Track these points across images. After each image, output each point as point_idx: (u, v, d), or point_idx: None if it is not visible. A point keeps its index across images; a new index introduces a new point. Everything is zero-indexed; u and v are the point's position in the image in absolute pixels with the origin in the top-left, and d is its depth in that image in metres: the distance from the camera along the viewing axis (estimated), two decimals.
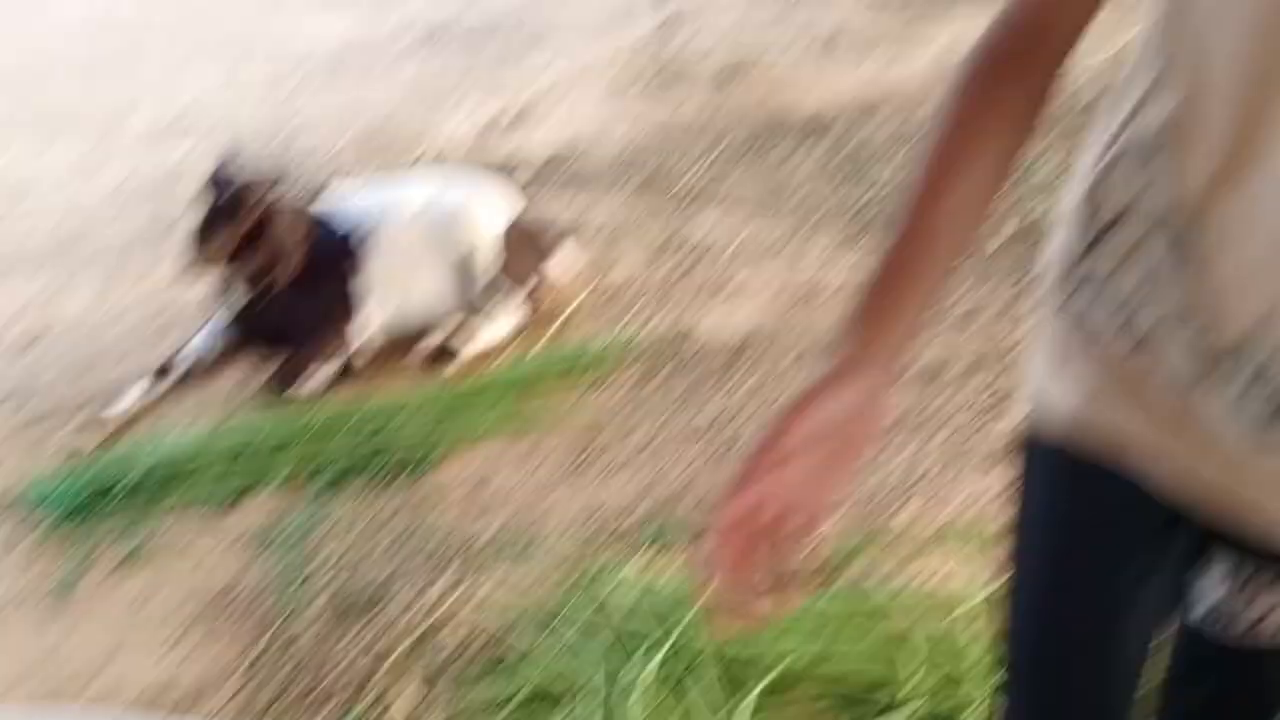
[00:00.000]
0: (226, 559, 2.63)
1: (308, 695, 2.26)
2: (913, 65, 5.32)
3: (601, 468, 2.82)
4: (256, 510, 2.77)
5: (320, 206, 3.38)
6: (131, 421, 3.11)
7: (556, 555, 2.54)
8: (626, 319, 3.43)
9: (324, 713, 2.23)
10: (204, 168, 4.61)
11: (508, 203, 3.51)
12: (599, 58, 5.63)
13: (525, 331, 3.39)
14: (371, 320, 3.26)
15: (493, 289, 3.35)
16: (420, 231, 3.33)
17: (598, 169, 4.48)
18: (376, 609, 2.45)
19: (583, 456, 2.85)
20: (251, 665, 2.34)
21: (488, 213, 3.42)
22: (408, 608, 2.45)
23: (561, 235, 3.66)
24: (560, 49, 5.92)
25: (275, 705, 2.25)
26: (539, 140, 4.78)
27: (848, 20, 5.96)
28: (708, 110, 4.98)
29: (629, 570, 2.44)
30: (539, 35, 6.19)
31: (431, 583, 2.52)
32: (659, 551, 2.53)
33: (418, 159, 4.66)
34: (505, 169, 4.47)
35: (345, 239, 3.25)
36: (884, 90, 5.10)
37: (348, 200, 3.45)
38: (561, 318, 3.46)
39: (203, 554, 2.66)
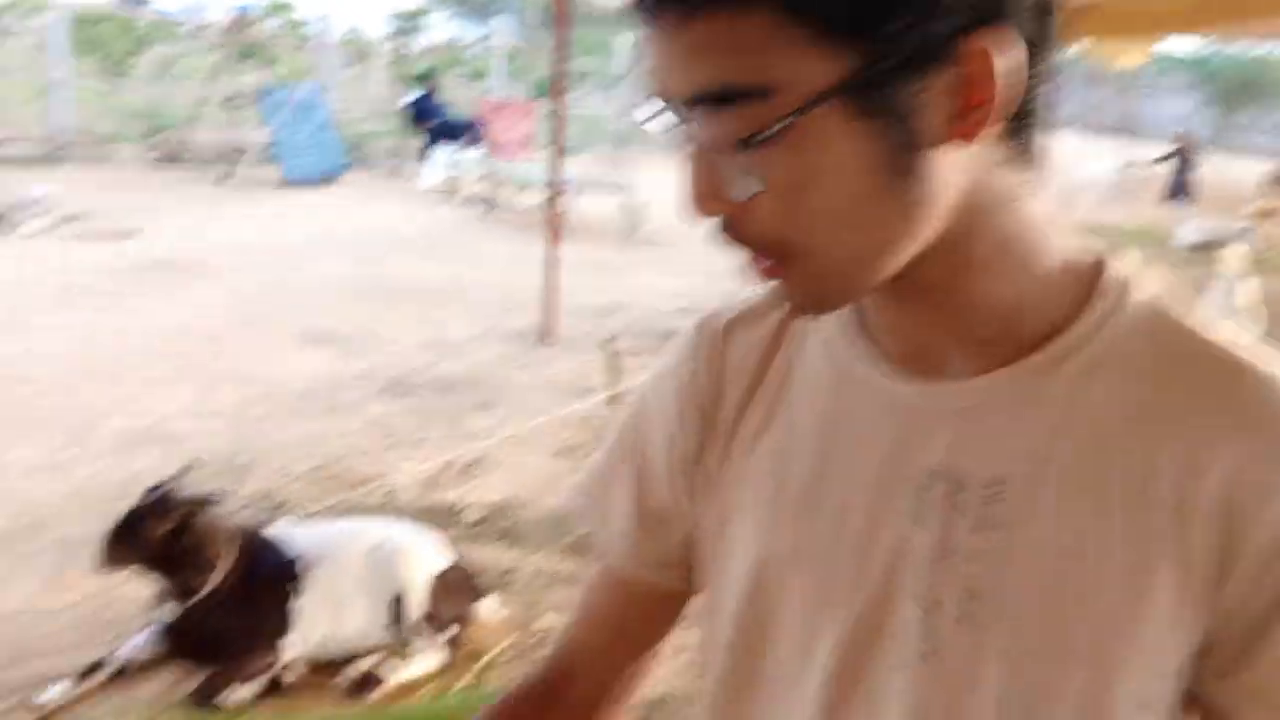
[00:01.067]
0: None
1: None
2: None
3: None
4: None
5: (270, 530, 3.58)
6: (56, 713, 3.09)
7: None
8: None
9: None
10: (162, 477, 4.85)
11: (441, 552, 3.72)
12: (549, 421, 6.03)
13: (448, 670, 3.48)
14: (305, 640, 3.35)
15: (420, 628, 3.49)
16: (360, 567, 3.50)
17: (534, 524, 4.71)
18: None
19: None
20: None
21: (423, 558, 3.63)
22: None
23: (488, 585, 3.84)
24: (514, 409, 6.34)
25: None
26: (482, 492, 5.04)
27: None
28: None
29: None
30: (495, 394, 6.64)
31: None
32: None
33: (368, 496, 4.87)
34: (449, 514, 4.70)
35: (291, 562, 3.40)
36: None
37: (297, 529, 3.65)
38: (484, 660, 3.56)
39: None
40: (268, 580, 3.38)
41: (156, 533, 3.21)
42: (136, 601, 3.76)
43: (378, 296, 9.08)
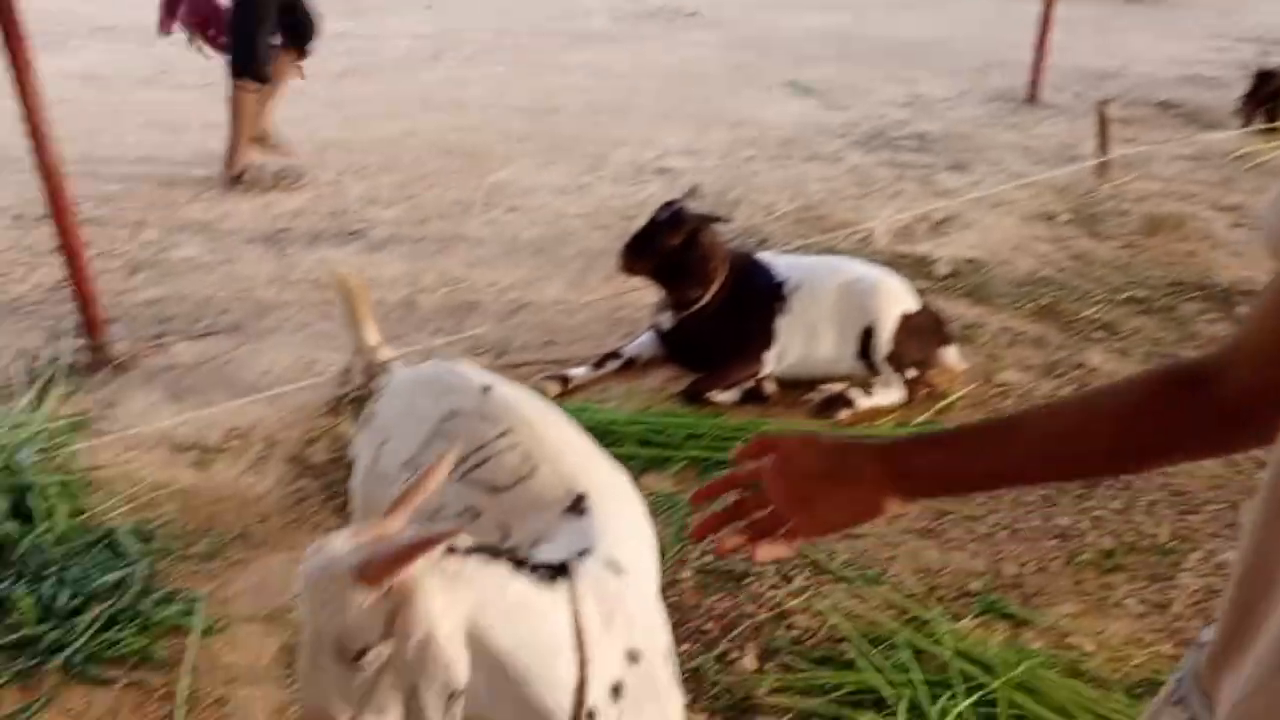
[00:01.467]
0: None
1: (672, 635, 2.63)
2: None
3: (953, 536, 3.00)
4: (656, 483, 3.20)
5: (759, 254, 3.85)
6: (575, 390, 3.67)
7: (899, 591, 2.77)
8: None
9: (677, 653, 2.58)
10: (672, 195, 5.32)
11: (911, 296, 3.79)
12: (1028, 184, 5.78)
13: (909, 406, 3.64)
14: (783, 357, 3.65)
15: (887, 362, 3.65)
16: (837, 297, 3.68)
17: (1002, 285, 4.63)
18: (734, 589, 2.78)
19: (939, 522, 3.05)
20: None
21: (895, 298, 3.72)
22: (759, 596, 2.77)
23: (953, 336, 3.88)
24: (992, 170, 6.13)
25: None
26: (953, 248, 5.01)
27: None
28: (1126, 254, 5.01)
29: (953, 626, 2.62)
30: (974, 154, 6.43)
31: (784, 583, 2.82)
32: (982, 624, 2.69)
33: (844, 240, 5.03)
34: (919, 265, 4.75)
35: (779, 284, 3.66)
36: None
37: (782, 258, 3.89)
38: (943, 403, 3.67)
39: None
40: (756, 298, 3.67)
41: (669, 244, 3.58)
42: (642, 308, 4.27)
43: (861, 50, 8.95)
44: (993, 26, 10.08)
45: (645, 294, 4.35)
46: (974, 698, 2.35)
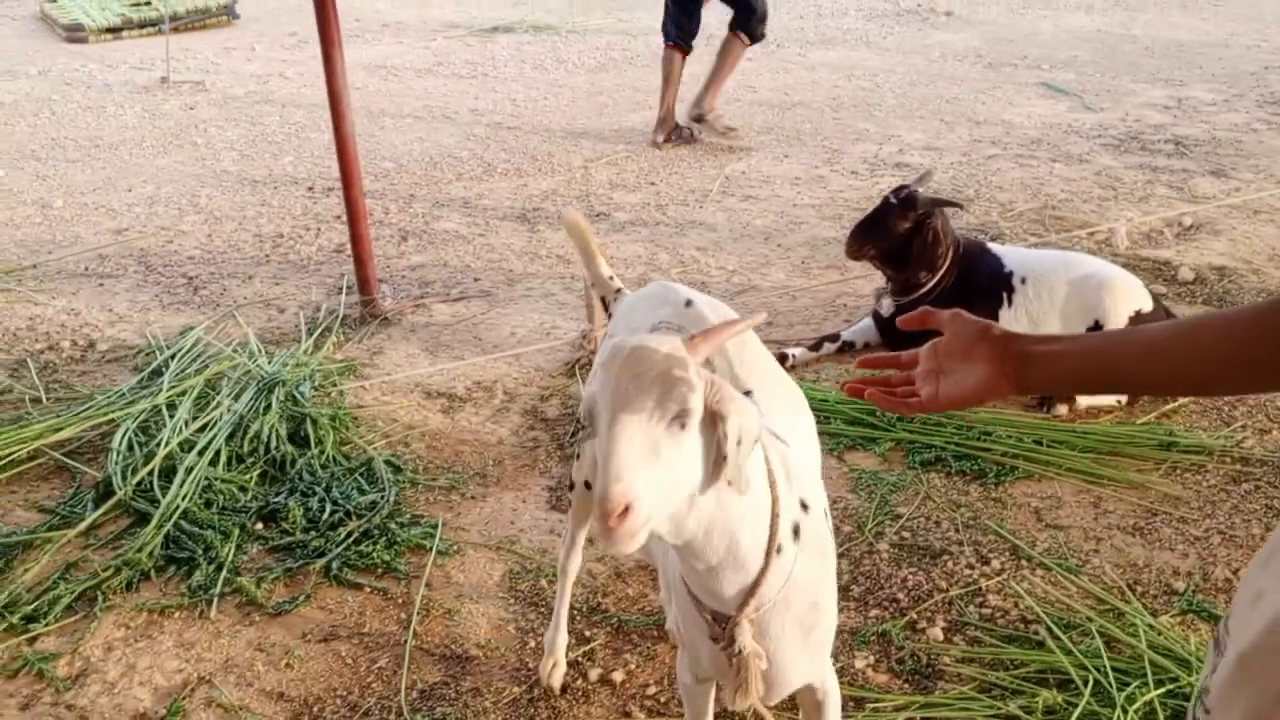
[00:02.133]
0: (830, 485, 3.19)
1: (862, 600, 2.73)
2: None
3: (1165, 535, 2.92)
4: (862, 460, 3.28)
5: (992, 245, 3.84)
6: (792, 369, 3.80)
7: (1098, 583, 2.74)
8: (1240, 424, 3.43)
9: (866, 618, 2.67)
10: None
11: (1145, 295, 3.67)
12: None
13: (1131, 407, 3.54)
14: None
15: None
16: (1068, 291, 3.62)
17: (1249, 295, 4.36)
18: (929, 565, 2.84)
19: (1153, 519, 2.98)
20: None
21: (1128, 296, 3.61)
22: (953, 574, 2.81)
23: None
24: (1257, 176, 5.75)
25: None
26: (1200, 254, 4.76)
27: None
28: None
29: (1151, 621, 2.57)
30: (1239, 160, 6.05)
31: (981, 564, 2.85)
32: (1183, 622, 2.61)
33: (1085, 239, 4.88)
34: (1162, 269, 4.56)
35: (1008, 274, 3.65)
36: None
37: (1014, 249, 3.86)
38: (1170, 405, 3.55)
39: None
40: (982, 286, 3.66)
41: (900, 227, 3.63)
42: (861, 296, 4.34)
43: (1128, 51, 8.54)
44: (1276, 27, 9.36)
45: (865, 282, 4.42)
46: (1164, 689, 2.32)
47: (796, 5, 9.88)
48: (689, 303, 2.04)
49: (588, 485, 2.18)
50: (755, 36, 6.23)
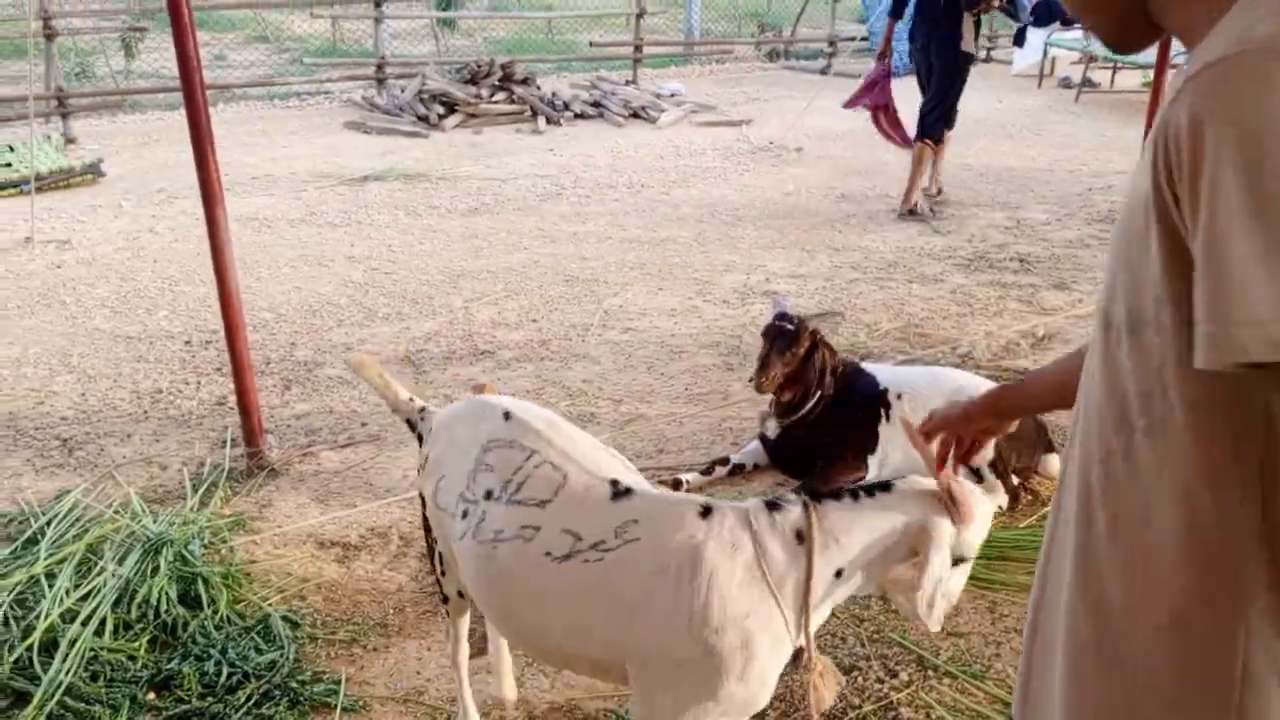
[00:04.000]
0: None
1: None
2: None
3: None
4: None
5: (865, 364, 4.00)
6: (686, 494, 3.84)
7: (1002, 686, 2.80)
8: None
9: None
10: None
11: None
12: None
13: (1013, 513, 3.69)
14: (887, 462, 3.76)
15: (990, 469, 3.73)
16: (943, 405, 3.79)
17: None
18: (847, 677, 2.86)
19: None
20: None
21: None
22: (864, 689, 2.84)
23: (1056, 442, 3.94)
24: (1095, 287, 6.18)
25: None
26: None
27: None
28: None
29: None
30: (1077, 273, 6.50)
31: (890, 676, 2.88)
32: None
33: (946, 355, 5.13)
34: (1021, 377, 4.82)
35: (883, 392, 3.80)
36: None
37: (885, 368, 4.04)
38: (1046, 509, 3.71)
39: None
40: (860, 405, 3.81)
41: (799, 350, 3.74)
42: (745, 420, 4.44)
43: (965, 179, 9.14)
44: (1099, 152, 10.20)
45: (748, 406, 4.53)
46: None
47: (656, 147, 10.29)
48: (507, 415, 2.14)
49: (460, 595, 2.35)
50: (936, 139, 7.85)
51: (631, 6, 14.26)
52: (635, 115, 11.71)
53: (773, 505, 1.92)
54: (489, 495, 2.04)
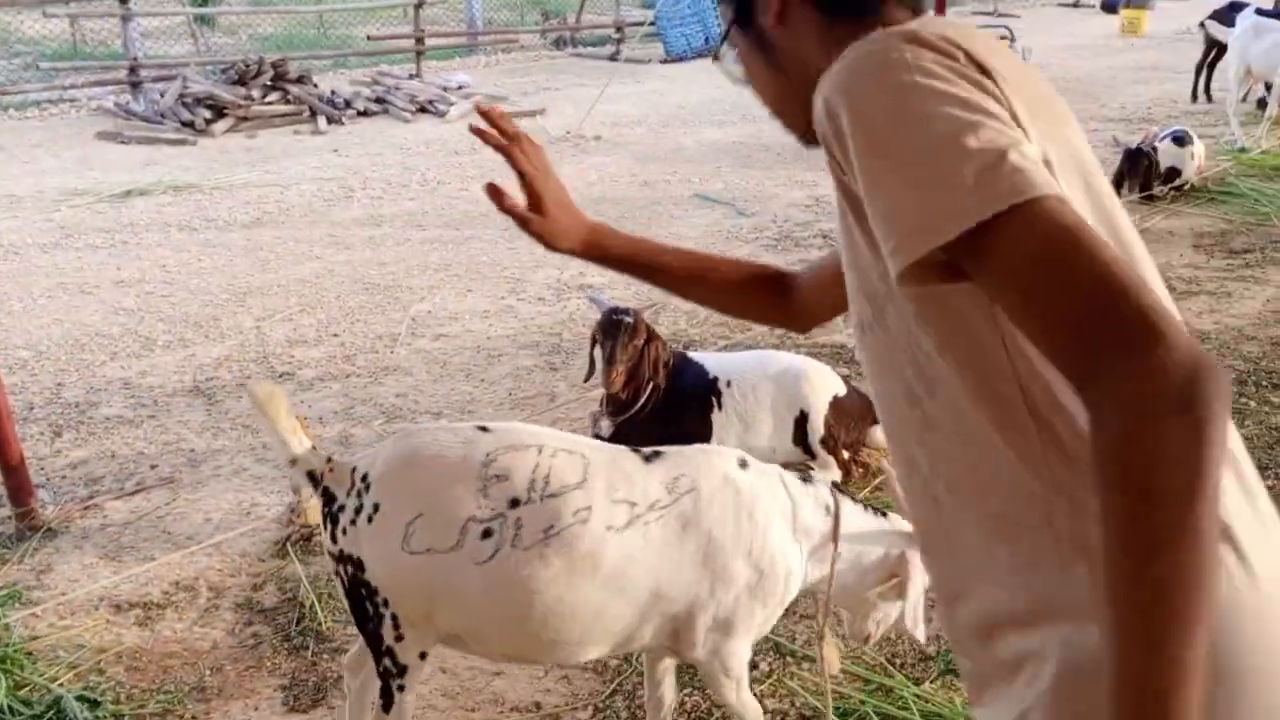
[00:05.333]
0: None
1: None
2: (1241, 307, 5.38)
3: None
4: None
5: (692, 353, 3.98)
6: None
7: (860, 664, 2.83)
8: None
9: None
10: (591, 318, 5.42)
11: (838, 380, 3.95)
12: None
13: (847, 484, 3.75)
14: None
15: (821, 446, 3.79)
16: (770, 388, 3.82)
17: None
18: (700, 681, 2.81)
19: None
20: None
21: (824, 383, 3.87)
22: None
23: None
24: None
25: None
26: None
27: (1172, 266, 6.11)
28: None
29: (916, 690, 2.68)
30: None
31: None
32: (945, 684, 2.74)
33: (765, 336, 5.19)
34: (842, 352, 4.93)
35: (713, 380, 3.78)
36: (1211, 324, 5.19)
37: (712, 356, 4.03)
38: (880, 479, 3.79)
39: None
40: (691, 396, 3.78)
41: (637, 343, 3.63)
42: (575, 420, 4.35)
43: (763, 160, 9.35)
44: None
45: (577, 407, 4.45)
46: None
47: (449, 141, 10.05)
48: (482, 429, 2.13)
49: (423, 656, 2.18)
50: None
51: None
52: (423, 110, 11.41)
53: (805, 478, 2.30)
54: (515, 503, 2.03)
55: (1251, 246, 6.27)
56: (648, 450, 2.21)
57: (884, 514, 2.35)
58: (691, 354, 4.01)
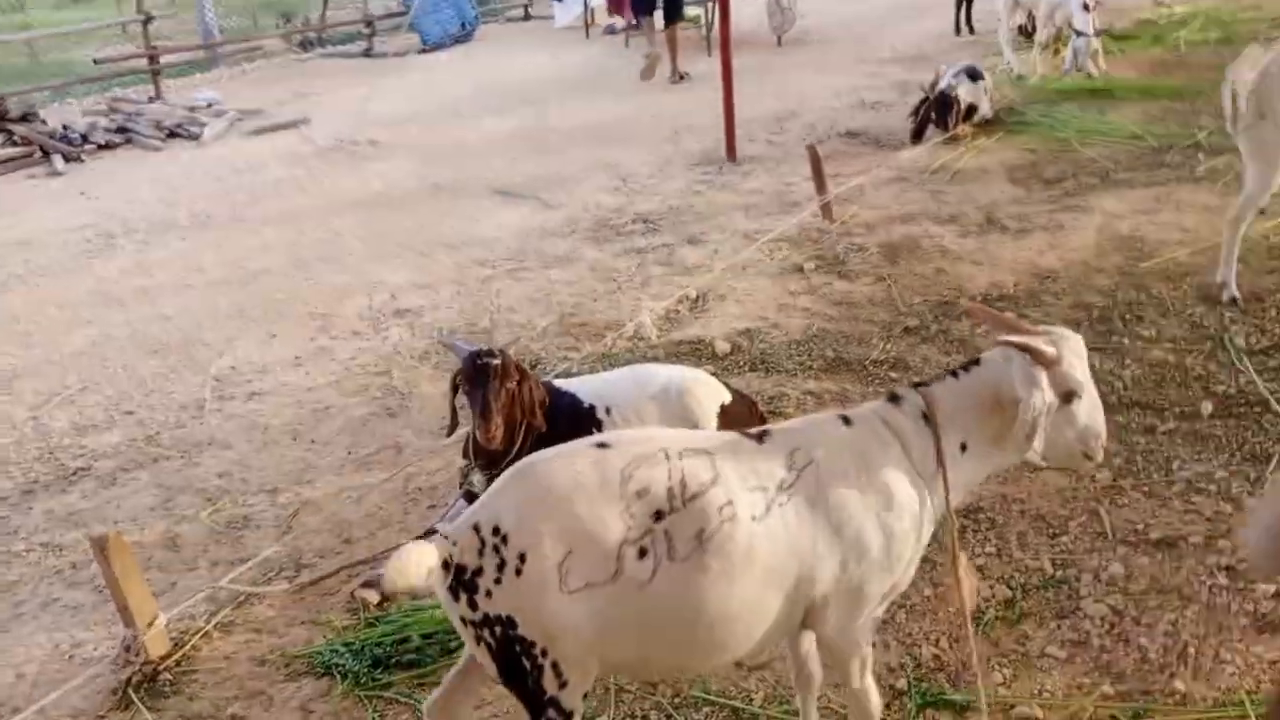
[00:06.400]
0: None
1: None
2: (1078, 239, 5.44)
3: None
4: None
5: (561, 384, 3.57)
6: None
7: (830, 715, 2.56)
8: None
9: None
10: (421, 349, 4.93)
11: (721, 388, 3.66)
12: (763, 245, 5.85)
13: None
14: None
15: None
16: (655, 408, 3.48)
17: (783, 349, 4.60)
18: None
19: None
20: None
21: (709, 394, 3.58)
22: None
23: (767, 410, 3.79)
24: (725, 236, 6.19)
25: None
26: (723, 323, 4.96)
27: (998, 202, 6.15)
28: (881, 288, 5.14)
29: None
30: (702, 223, 6.48)
31: None
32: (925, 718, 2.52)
33: (615, 343, 4.84)
34: (699, 349, 4.65)
35: (590, 410, 3.41)
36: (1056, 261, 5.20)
37: (583, 382, 3.64)
38: None
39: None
40: (571, 431, 3.37)
41: (509, 386, 3.20)
42: (435, 473, 3.90)
43: (555, 144, 8.96)
44: (666, 94, 10.45)
45: (431, 458, 3.99)
46: None
47: (210, 167, 9.18)
48: (602, 445, 2.11)
49: (585, 697, 2.10)
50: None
51: (129, 13, 12.66)
52: (173, 135, 10.41)
53: (894, 398, 2.21)
54: (659, 515, 2.00)
55: (1064, 175, 6.40)
56: (754, 430, 2.20)
57: (976, 361, 2.23)
58: (560, 384, 3.61)
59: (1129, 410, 3.75)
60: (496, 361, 3.18)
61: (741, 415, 3.62)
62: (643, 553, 1.97)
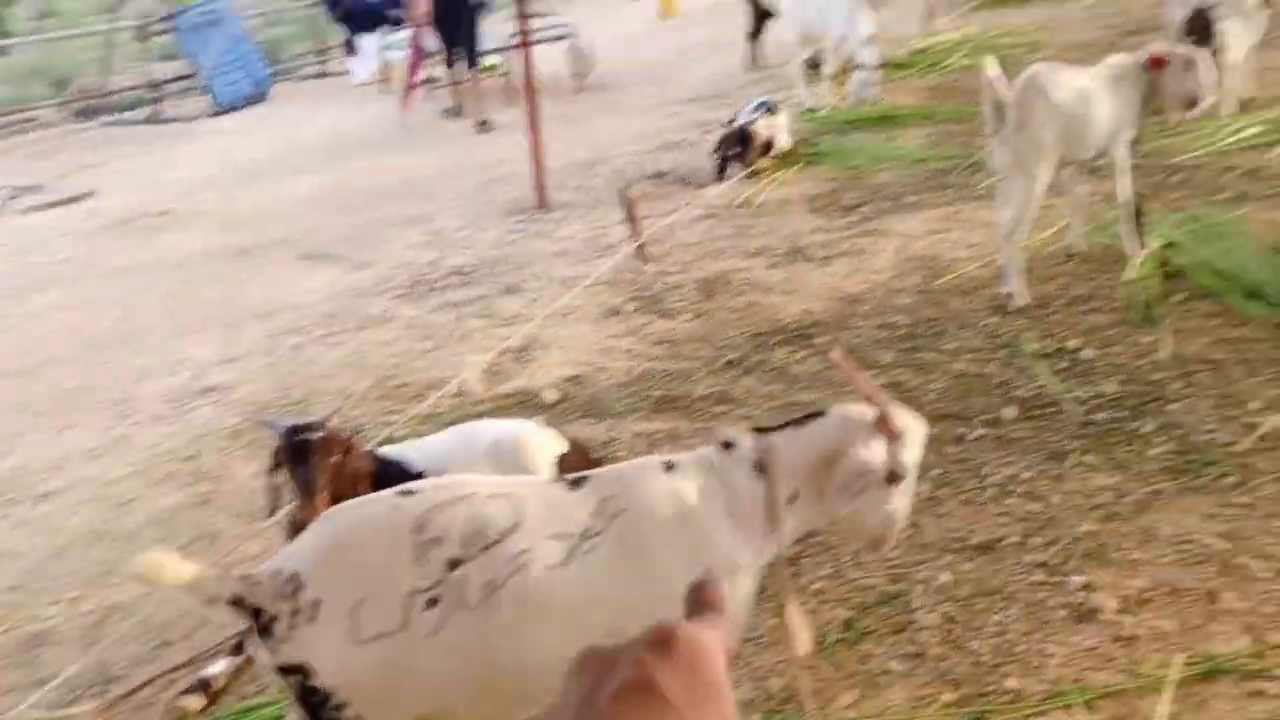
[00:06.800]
0: None
1: None
2: (878, 261, 5.65)
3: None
4: None
5: (387, 451, 3.45)
6: (228, 688, 3.04)
7: None
8: None
9: None
10: (232, 427, 4.70)
11: (553, 437, 3.62)
12: (581, 291, 5.85)
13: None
14: None
15: None
16: (488, 468, 3.40)
17: (611, 393, 4.59)
18: None
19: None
20: None
21: (541, 446, 3.52)
22: None
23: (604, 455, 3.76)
24: (542, 284, 6.16)
25: None
26: (548, 372, 4.91)
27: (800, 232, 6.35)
28: (700, 324, 5.20)
29: None
30: (518, 272, 6.44)
31: None
32: None
33: (439, 402, 4.73)
34: (527, 401, 4.59)
35: (420, 476, 3.29)
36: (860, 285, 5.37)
37: (408, 448, 3.53)
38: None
39: None
40: None
41: (335, 460, 3.06)
42: (257, 558, 3.69)
43: (359, 203, 8.77)
44: (471, 146, 10.40)
45: (252, 543, 3.78)
46: None
47: None
48: (407, 492, 2.05)
49: None
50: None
51: None
52: None
53: (727, 445, 2.14)
54: (455, 564, 1.95)
55: (860, 200, 6.65)
56: (573, 476, 2.15)
57: (821, 414, 2.19)
58: (386, 452, 3.48)
59: (939, 422, 3.90)
60: (318, 435, 3.04)
61: (580, 465, 3.57)
62: (432, 602, 1.93)
